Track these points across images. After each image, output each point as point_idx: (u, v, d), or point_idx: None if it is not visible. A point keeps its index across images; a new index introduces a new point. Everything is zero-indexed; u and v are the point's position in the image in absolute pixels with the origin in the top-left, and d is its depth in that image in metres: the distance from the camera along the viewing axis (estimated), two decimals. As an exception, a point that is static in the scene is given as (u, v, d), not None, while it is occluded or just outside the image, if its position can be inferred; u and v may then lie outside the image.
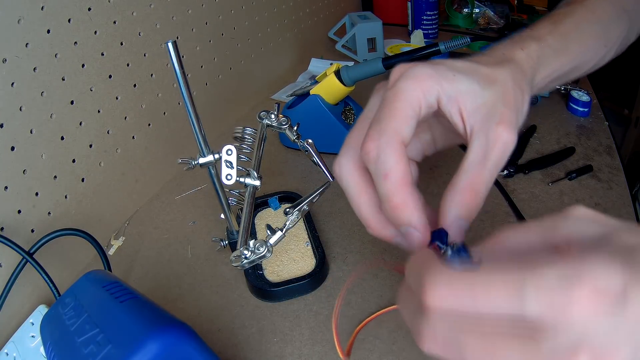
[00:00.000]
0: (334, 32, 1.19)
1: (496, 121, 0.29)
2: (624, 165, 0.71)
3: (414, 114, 0.29)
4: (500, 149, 0.29)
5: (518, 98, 0.31)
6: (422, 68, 0.30)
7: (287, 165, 0.78)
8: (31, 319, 0.52)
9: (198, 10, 0.77)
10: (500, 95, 0.30)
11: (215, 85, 0.84)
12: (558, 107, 0.86)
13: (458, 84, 0.30)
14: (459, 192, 0.29)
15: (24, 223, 0.54)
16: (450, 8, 1.30)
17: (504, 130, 0.29)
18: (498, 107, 0.30)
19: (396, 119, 0.29)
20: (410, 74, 0.30)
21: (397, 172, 0.28)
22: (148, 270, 0.61)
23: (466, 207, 0.29)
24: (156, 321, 0.36)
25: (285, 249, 0.59)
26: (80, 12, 0.56)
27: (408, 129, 0.29)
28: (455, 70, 0.30)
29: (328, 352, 0.48)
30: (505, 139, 0.29)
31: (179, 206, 0.71)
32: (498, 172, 0.29)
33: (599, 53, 0.41)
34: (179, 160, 0.50)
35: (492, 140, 0.29)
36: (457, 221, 0.29)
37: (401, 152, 0.28)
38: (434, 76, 0.30)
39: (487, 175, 0.29)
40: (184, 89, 0.46)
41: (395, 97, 0.29)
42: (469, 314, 0.21)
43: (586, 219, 0.24)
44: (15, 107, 0.51)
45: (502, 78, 0.31)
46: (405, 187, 0.28)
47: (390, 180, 0.28)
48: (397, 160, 0.28)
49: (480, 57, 0.33)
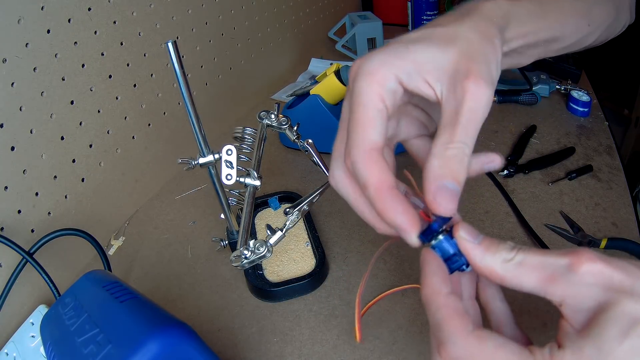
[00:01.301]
0: (334, 32, 1.19)
1: (462, 76, 0.27)
2: (624, 165, 0.71)
3: (378, 113, 0.29)
4: (471, 102, 0.27)
5: (486, 49, 0.29)
6: (373, 59, 0.29)
7: (287, 165, 0.78)
8: (31, 319, 0.52)
9: (198, 10, 0.77)
10: (464, 51, 0.29)
11: (215, 85, 0.84)
12: (558, 107, 0.86)
13: (414, 55, 0.29)
14: (436, 156, 0.27)
15: (24, 223, 0.54)
16: (450, 8, 1.30)
17: (472, 82, 0.27)
18: (463, 63, 0.28)
19: (360, 128, 0.29)
20: (363, 71, 0.29)
21: (372, 179, 0.28)
22: (148, 270, 0.61)
23: (448, 167, 0.27)
24: (156, 321, 0.36)
25: (285, 249, 0.59)
26: (80, 12, 0.56)
27: (375, 132, 0.28)
28: (409, 43, 0.29)
29: (328, 352, 0.48)
30: (474, 91, 0.27)
31: (179, 206, 0.71)
32: (477, 127, 0.27)
33: (581, 30, 0.40)
34: (179, 160, 0.50)
35: (460, 95, 0.27)
36: (443, 184, 0.27)
37: (373, 159, 0.28)
38: (387, 61, 0.29)
39: (463, 131, 0.27)
40: (184, 89, 0.46)
41: (355, 104, 0.29)
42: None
43: (591, 281, 0.24)
44: (15, 107, 0.51)
45: (463, 33, 0.29)
46: (383, 192, 0.28)
47: (369, 189, 0.28)
48: (370, 169, 0.28)
49: (440, 18, 0.32)
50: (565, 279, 0.24)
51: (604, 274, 0.24)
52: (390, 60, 0.29)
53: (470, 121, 0.27)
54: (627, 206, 0.63)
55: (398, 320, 0.50)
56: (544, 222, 0.61)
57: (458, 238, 0.28)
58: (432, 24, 0.31)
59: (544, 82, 0.88)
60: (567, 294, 0.24)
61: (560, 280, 0.24)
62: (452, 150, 0.27)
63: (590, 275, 0.24)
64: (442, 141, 0.27)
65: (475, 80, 0.27)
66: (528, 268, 0.25)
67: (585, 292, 0.24)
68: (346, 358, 0.47)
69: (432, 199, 0.27)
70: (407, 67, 0.29)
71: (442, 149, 0.27)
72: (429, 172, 0.27)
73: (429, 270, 0.28)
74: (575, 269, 0.24)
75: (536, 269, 0.25)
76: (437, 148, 0.27)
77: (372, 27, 1.05)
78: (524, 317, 0.48)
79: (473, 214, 0.63)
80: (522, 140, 0.75)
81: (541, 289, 0.25)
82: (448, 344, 0.25)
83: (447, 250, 0.28)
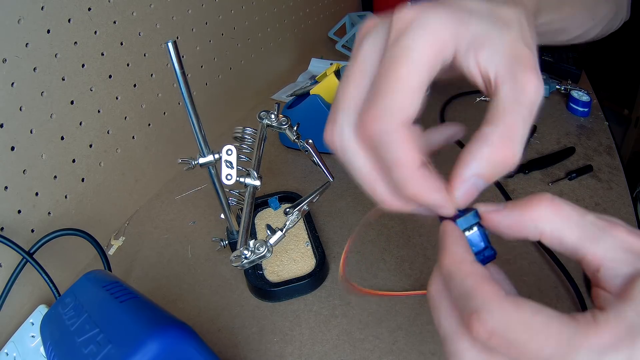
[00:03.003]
0: (334, 32, 1.19)
1: (523, 65, 0.25)
2: (624, 165, 0.71)
3: (423, 82, 0.24)
4: (533, 96, 0.24)
5: (534, 38, 0.27)
6: (434, 15, 0.24)
7: (287, 165, 0.78)
8: (31, 319, 0.52)
9: (198, 10, 0.77)
10: (520, 36, 0.26)
11: (215, 85, 0.84)
12: (558, 107, 0.86)
13: (475, 27, 0.25)
14: (488, 143, 0.24)
15: (24, 223, 0.54)
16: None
17: (534, 75, 0.24)
18: (521, 50, 0.25)
19: (401, 92, 0.24)
20: (422, 23, 0.24)
21: (407, 160, 0.24)
22: (148, 270, 0.61)
23: (492, 163, 0.24)
24: (156, 321, 0.36)
25: (285, 249, 0.59)
26: (80, 12, 0.56)
27: (415, 104, 0.24)
28: (470, 13, 0.25)
29: (328, 352, 0.48)
30: (536, 85, 0.24)
31: (179, 206, 0.71)
32: (530, 126, 0.25)
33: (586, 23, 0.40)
34: (179, 160, 0.50)
35: (522, 85, 0.24)
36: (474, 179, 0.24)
37: (408, 136, 0.24)
38: (451, 24, 0.24)
39: (522, 125, 0.24)
40: (184, 89, 0.46)
41: (402, 60, 0.24)
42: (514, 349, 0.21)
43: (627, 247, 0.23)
44: (15, 107, 0.51)
45: (517, 18, 0.26)
46: (417, 173, 0.24)
47: (400, 169, 0.25)
48: (404, 148, 0.24)
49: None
50: (604, 241, 0.23)
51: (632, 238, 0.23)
52: (454, 25, 0.25)
53: (529, 114, 0.24)
54: (627, 206, 0.63)
55: (398, 320, 0.50)
56: (544, 222, 0.61)
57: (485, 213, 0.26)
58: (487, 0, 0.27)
59: (544, 82, 0.87)
60: (606, 256, 0.23)
61: (601, 241, 0.23)
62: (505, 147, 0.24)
63: (626, 241, 0.23)
64: (501, 132, 0.24)
65: (536, 74, 0.24)
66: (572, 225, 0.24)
67: (622, 257, 0.23)
68: (346, 358, 0.47)
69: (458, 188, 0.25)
70: (468, 39, 0.25)
71: (500, 141, 0.24)
72: (473, 156, 0.24)
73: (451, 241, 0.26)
74: (614, 234, 0.23)
75: (577, 225, 0.24)
76: (494, 137, 0.24)
77: (372, 27, 1.05)
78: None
79: (473, 214, 0.63)
80: (522, 140, 0.75)
81: (582, 247, 0.23)
82: (483, 312, 0.22)
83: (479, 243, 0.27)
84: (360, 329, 0.50)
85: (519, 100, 0.24)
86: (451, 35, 0.24)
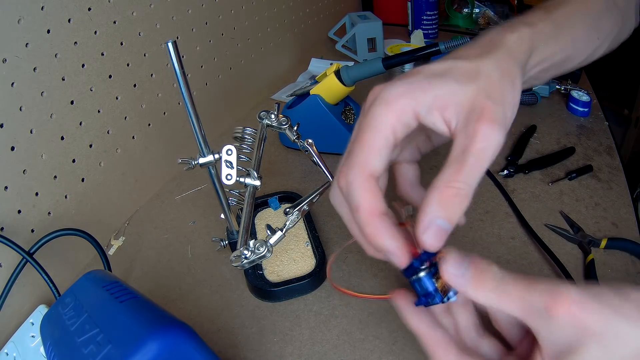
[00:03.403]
0: (334, 32, 1.19)
1: (478, 116, 0.27)
2: (624, 165, 0.71)
3: (385, 144, 0.29)
4: (481, 144, 0.27)
5: (505, 89, 0.29)
6: (394, 88, 0.29)
7: (287, 165, 0.78)
8: (31, 319, 0.52)
9: (198, 10, 0.77)
10: (483, 88, 0.28)
11: (215, 85, 0.84)
12: (558, 107, 0.86)
13: (435, 90, 0.29)
14: (437, 190, 0.27)
15: (24, 223, 0.54)
16: (450, 8, 1.30)
17: (484, 124, 0.27)
18: (479, 102, 0.28)
19: (365, 152, 0.29)
20: (382, 99, 0.29)
21: (364, 205, 0.28)
22: (148, 270, 0.61)
23: (445, 206, 0.27)
24: (156, 321, 0.36)
25: (285, 249, 0.59)
26: (80, 12, 0.56)
27: (378, 160, 0.29)
28: (431, 76, 0.29)
29: (328, 352, 0.48)
30: (486, 133, 0.27)
31: (179, 206, 0.71)
32: (483, 169, 0.27)
33: (591, 45, 0.40)
34: (179, 160, 0.50)
35: (471, 135, 0.27)
36: (435, 221, 0.27)
37: (368, 185, 0.28)
38: (407, 93, 0.29)
39: (468, 172, 0.27)
40: (184, 89, 0.46)
41: (367, 128, 0.29)
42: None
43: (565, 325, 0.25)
44: (15, 107, 0.51)
45: (485, 69, 0.29)
46: (374, 218, 0.28)
47: (360, 212, 0.28)
48: (364, 194, 0.28)
49: (465, 49, 0.32)
50: (541, 319, 0.26)
51: (578, 319, 0.25)
52: (411, 93, 0.29)
53: (477, 162, 0.27)
54: (627, 206, 0.63)
55: (398, 321, 0.50)
56: (544, 222, 0.61)
57: (444, 272, 0.28)
58: (456, 56, 0.31)
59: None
60: (542, 329, 0.26)
61: (538, 318, 0.26)
62: (453, 190, 0.27)
63: (564, 320, 0.25)
64: (446, 177, 0.27)
65: (488, 123, 0.27)
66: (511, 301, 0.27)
67: (558, 332, 0.25)
68: (346, 358, 0.47)
69: (422, 233, 0.27)
70: (427, 102, 0.29)
71: (444, 185, 0.27)
72: (426, 205, 0.27)
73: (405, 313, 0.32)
74: (552, 313, 0.25)
75: (518, 302, 0.27)
76: (440, 182, 0.27)
77: (372, 27, 1.05)
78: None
79: (473, 214, 0.63)
80: (522, 140, 0.75)
81: (521, 319, 0.27)
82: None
83: (427, 287, 0.29)
84: (360, 329, 0.50)
85: (465, 151, 0.27)
86: (407, 102, 0.29)
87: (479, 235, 0.60)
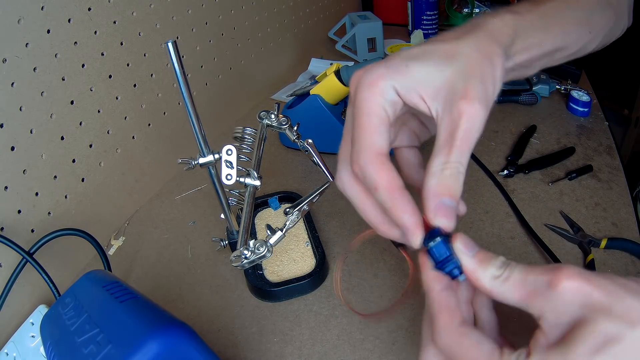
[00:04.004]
0: (334, 32, 1.19)
1: (459, 96, 0.28)
2: (624, 165, 0.71)
3: (381, 121, 0.30)
4: (466, 124, 0.28)
5: (485, 68, 0.30)
6: (373, 71, 0.31)
7: (287, 165, 0.78)
8: (31, 319, 0.52)
9: (198, 10, 0.77)
10: (462, 69, 0.29)
11: (215, 85, 0.84)
12: (558, 107, 0.86)
13: (413, 72, 0.30)
14: (434, 176, 0.29)
15: (24, 223, 0.54)
16: (450, 8, 1.30)
17: (467, 103, 0.28)
18: (459, 82, 0.29)
19: (367, 134, 0.30)
20: (364, 83, 0.31)
21: (383, 182, 0.29)
22: (148, 270, 0.61)
23: (446, 186, 0.28)
24: (156, 321, 0.36)
25: (285, 249, 0.59)
26: (80, 12, 0.56)
27: (380, 138, 0.30)
28: (409, 59, 0.30)
29: (328, 352, 0.48)
30: (469, 112, 0.28)
31: (179, 206, 0.71)
32: (471, 147, 0.29)
33: (583, 38, 0.40)
34: (179, 160, 0.50)
35: (456, 116, 0.28)
36: (441, 202, 0.28)
37: (380, 163, 0.29)
38: (386, 74, 0.30)
39: (458, 152, 0.28)
40: (184, 89, 0.46)
41: (359, 113, 0.30)
42: None
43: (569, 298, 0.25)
44: (15, 107, 0.51)
45: (463, 50, 0.30)
46: (393, 193, 0.29)
47: (380, 190, 0.29)
48: (380, 173, 0.29)
49: (446, 33, 0.33)
50: (544, 295, 0.25)
51: (582, 292, 0.24)
52: (389, 74, 0.30)
53: (464, 141, 0.28)
54: (627, 206, 0.63)
55: (398, 320, 0.50)
56: (544, 222, 0.61)
57: (456, 249, 0.29)
58: (435, 40, 0.32)
59: (544, 82, 0.88)
60: (545, 309, 0.25)
61: (540, 296, 0.25)
62: (448, 170, 0.28)
63: (568, 292, 0.24)
64: (439, 161, 0.29)
65: (470, 101, 0.28)
66: (512, 285, 0.27)
67: (562, 308, 0.25)
68: (346, 358, 0.47)
69: (433, 215, 0.29)
70: (405, 83, 0.30)
71: (439, 169, 0.28)
72: (428, 190, 0.29)
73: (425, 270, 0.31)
74: (555, 286, 0.25)
75: (519, 285, 0.27)
76: (434, 168, 0.29)
77: (372, 27, 1.05)
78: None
79: (473, 214, 0.63)
80: (522, 140, 0.75)
81: (523, 304, 0.26)
82: (436, 335, 0.29)
83: (443, 252, 0.29)
84: (360, 329, 0.50)
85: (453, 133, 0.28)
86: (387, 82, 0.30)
87: (479, 235, 0.60)
